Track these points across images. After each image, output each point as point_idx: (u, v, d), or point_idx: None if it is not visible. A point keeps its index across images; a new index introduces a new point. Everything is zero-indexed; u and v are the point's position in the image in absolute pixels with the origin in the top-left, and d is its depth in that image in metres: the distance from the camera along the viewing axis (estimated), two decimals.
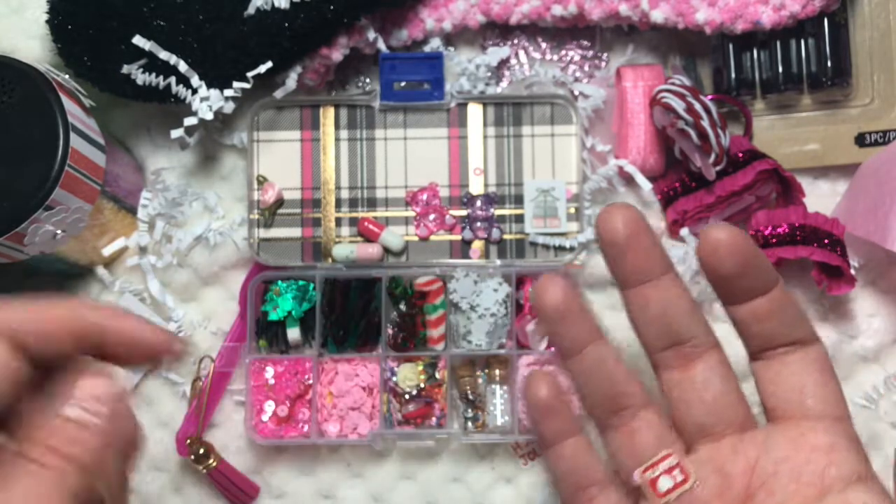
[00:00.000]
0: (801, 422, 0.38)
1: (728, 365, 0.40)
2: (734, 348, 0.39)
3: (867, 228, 0.51)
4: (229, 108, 0.54)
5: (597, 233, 0.39)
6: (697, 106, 0.51)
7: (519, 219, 0.56)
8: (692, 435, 0.39)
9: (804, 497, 0.37)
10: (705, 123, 0.51)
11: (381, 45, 0.56)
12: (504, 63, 0.58)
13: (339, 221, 0.56)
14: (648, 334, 0.40)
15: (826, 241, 0.52)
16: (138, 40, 0.52)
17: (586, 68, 0.58)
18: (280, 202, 0.56)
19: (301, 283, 0.55)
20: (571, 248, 0.55)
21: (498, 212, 0.56)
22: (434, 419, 0.55)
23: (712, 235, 0.37)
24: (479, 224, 0.56)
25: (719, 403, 0.39)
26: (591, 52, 0.58)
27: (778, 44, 0.56)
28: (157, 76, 0.53)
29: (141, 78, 0.53)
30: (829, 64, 0.55)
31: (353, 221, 0.56)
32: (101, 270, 0.56)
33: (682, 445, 0.39)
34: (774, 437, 0.38)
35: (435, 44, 0.57)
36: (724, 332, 0.37)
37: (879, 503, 0.37)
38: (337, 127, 0.57)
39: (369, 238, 0.56)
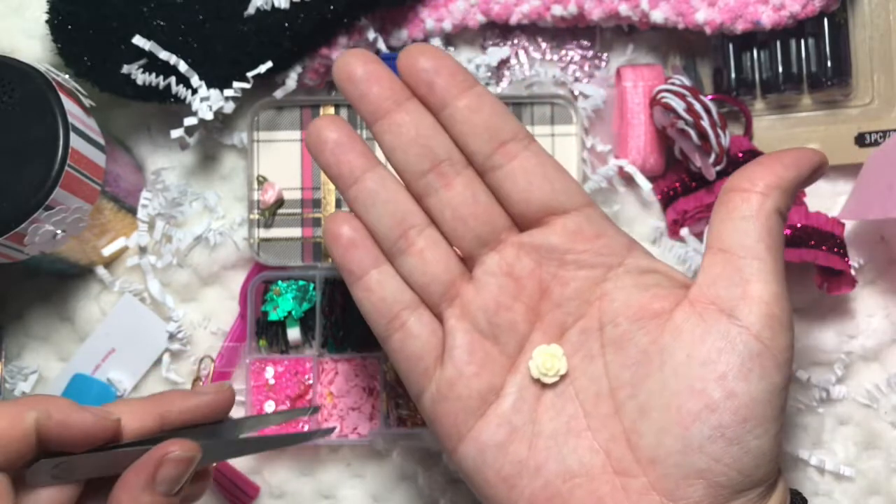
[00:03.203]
0: (561, 217, 0.41)
1: (479, 178, 0.42)
2: None
3: (885, 207, 0.51)
4: (229, 108, 0.54)
5: (336, 78, 0.42)
6: (697, 106, 0.51)
7: None
8: (473, 248, 0.42)
9: (593, 279, 0.41)
10: (705, 123, 0.51)
11: (381, 45, 0.56)
12: (504, 63, 0.58)
13: None
14: (409, 161, 0.42)
15: (829, 243, 0.52)
16: (138, 40, 0.52)
17: (586, 68, 0.58)
18: (280, 202, 0.56)
19: (301, 283, 0.55)
20: None
21: None
22: None
23: (407, 50, 0.42)
24: None
25: (491, 213, 0.42)
26: (591, 52, 0.58)
27: (778, 44, 0.56)
28: (157, 76, 0.53)
29: (141, 78, 0.53)
30: (829, 64, 0.55)
31: None
32: (101, 270, 0.56)
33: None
34: (547, 236, 0.42)
35: (435, 44, 0.57)
36: None
37: (651, 263, 0.42)
38: None
39: None
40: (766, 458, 0.38)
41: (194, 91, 0.53)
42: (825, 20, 0.55)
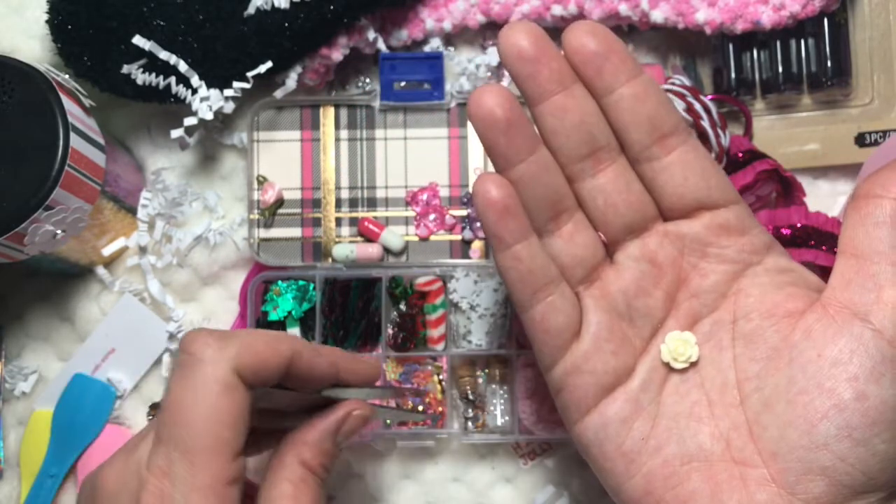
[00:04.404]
0: (710, 211, 0.42)
1: (630, 167, 0.43)
2: None
3: None
4: (229, 108, 0.54)
5: (502, 52, 0.41)
6: (697, 106, 0.51)
7: None
8: (618, 234, 0.43)
9: (733, 274, 0.42)
10: (705, 123, 0.51)
11: (381, 45, 0.56)
12: None
13: (339, 221, 0.56)
14: (569, 145, 0.42)
15: (829, 243, 0.52)
16: (138, 40, 0.52)
17: None
18: (280, 202, 0.56)
19: (301, 283, 0.55)
20: None
21: None
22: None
23: (577, 28, 0.41)
24: (479, 224, 0.56)
25: (642, 202, 0.43)
26: None
27: (778, 44, 0.56)
28: (157, 76, 0.53)
29: (141, 78, 0.53)
30: (829, 64, 0.55)
31: (353, 221, 0.56)
32: (101, 270, 0.56)
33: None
34: (693, 227, 0.42)
35: (435, 44, 0.57)
36: None
37: (788, 263, 0.43)
38: (337, 127, 0.57)
39: (369, 238, 0.56)
40: (892, 464, 0.38)
41: (194, 91, 0.53)
42: (825, 20, 0.55)
